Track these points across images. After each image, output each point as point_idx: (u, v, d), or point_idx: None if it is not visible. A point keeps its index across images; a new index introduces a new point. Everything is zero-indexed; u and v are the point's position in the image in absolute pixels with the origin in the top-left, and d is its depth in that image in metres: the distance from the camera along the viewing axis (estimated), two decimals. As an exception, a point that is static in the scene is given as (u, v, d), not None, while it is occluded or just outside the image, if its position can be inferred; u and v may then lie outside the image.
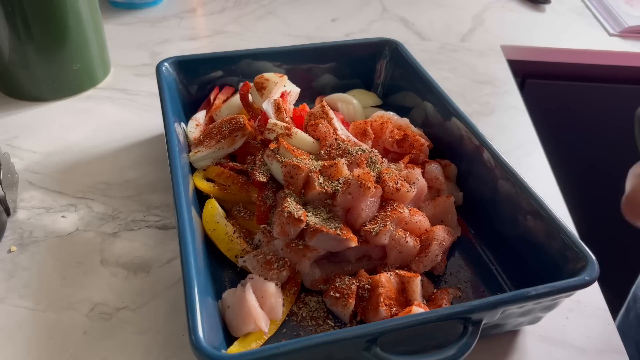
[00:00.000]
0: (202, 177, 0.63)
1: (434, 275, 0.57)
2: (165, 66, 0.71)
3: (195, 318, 0.42)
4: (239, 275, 0.55)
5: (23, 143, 0.75)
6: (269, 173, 0.59)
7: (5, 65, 0.80)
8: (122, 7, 1.11)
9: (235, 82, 0.76)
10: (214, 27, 1.06)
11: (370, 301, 0.51)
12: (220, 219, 0.58)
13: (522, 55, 1.02)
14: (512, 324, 0.51)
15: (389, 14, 1.13)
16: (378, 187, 0.56)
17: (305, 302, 0.54)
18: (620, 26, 1.06)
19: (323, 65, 0.79)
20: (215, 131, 0.65)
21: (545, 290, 0.45)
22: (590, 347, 0.53)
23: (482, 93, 0.89)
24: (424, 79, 0.72)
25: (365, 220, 0.55)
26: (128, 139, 0.76)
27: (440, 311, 0.44)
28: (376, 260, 0.57)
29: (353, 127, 0.65)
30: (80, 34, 0.81)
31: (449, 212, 0.60)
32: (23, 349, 0.50)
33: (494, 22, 1.10)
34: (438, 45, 1.02)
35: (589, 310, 0.56)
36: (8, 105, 0.82)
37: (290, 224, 0.52)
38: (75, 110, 0.82)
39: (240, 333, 0.49)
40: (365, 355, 0.43)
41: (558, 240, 0.50)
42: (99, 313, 0.54)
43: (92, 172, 0.70)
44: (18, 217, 0.64)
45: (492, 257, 0.58)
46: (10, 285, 0.56)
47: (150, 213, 0.65)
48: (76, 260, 0.59)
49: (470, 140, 0.62)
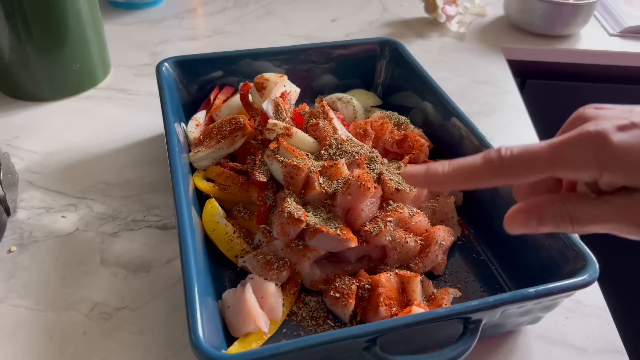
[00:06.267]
0: (202, 177, 0.63)
1: (434, 275, 0.57)
2: (165, 66, 0.71)
3: (195, 318, 0.42)
4: (239, 275, 0.55)
5: (23, 143, 0.75)
6: (269, 173, 0.59)
7: (5, 65, 0.80)
8: (122, 7, 1.11)
9: (235, 82, 0.76)
10: (214, 27, 1.06)
11: (370, 301, 0.51)
12: (220, 219, 0.58)
13: (522, 55, 1.02)
14: (512, 324, 0.51)
15: (389, 14, 1.13)
16: (378, 187, 0.56)
17: (305, 302, 0.54)
18: (620, 26, 1.06)
19: (323, 65, 0.79)
20: (215, 131, 0.65)
21: (545, 290, 0.45)
22: (590, 347, 0.53)
23: (482, 93, 0.89)
24: (424, 79, 0.72)
25: (365, 221, 0.55)
26: (128, 139, 0.76)
27: (440, 311, 0.44)
28: (376, 260, 0.57)
29: (353, 127, 0.65)
30: (80, 34, 0.81)
31: (449, 212, 0.60)
32: (23, 349, 0.50)
33: (493, 22, 1.10)
34: (438, 45, 1.02)
35: (589, 310, 0.56)
36: (8, 105, 0.82)
37: (290, 224, 0.52)
38: (75, 110, 0.82)
39: (240, 333, 0.49)
40: (365, 355, 0.43)
41: (558, 240, 0.50)
42: (99, 313, 0.54)
43: (92, 172, 0.70)
44: (18, 217, 0.64)
45: (492, 257, 0.58)
46: (10, 285, 0.56)
47: (150, 213, 0.65)
48: (76, 260, 0.59)
49: (470, 140, 0.62)
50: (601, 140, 0.33)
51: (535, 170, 0.35)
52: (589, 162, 0.34)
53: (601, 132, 0.33)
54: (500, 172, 0.36)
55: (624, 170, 0.33)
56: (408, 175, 0.40)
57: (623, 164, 0.33)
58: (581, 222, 0.35)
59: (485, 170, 0.36)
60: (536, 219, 0.36)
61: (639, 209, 0.34)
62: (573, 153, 0.34)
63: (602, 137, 0.33)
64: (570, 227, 0.35)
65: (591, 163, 0.33)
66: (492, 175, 0.36)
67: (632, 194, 0.34)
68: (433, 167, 0.38)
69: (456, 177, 0.38)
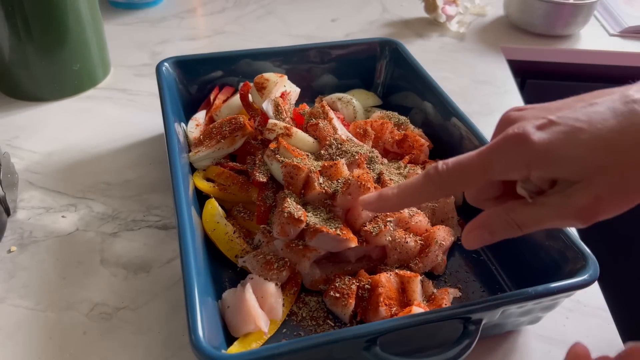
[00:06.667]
0: (202, 177, 0.63)
1: (434, 275, 0.57)
2: (165, 66, 0.71)
3: (195, 318, 0.42)
4: (239, 275, 0.55)
5: (23, 143, 0.75)
6: (269, 173, 0.59)
7: (5, 65, 0.80)
8: (122, 7, 1.11)
9: (235, 82, 0.76)
10: (214, 27, 1.06)
11: (370, 301, 0.51)
12: (220, 219, 0.58)
13: (522, 55, 1.02)
14: (512, 324, 0.51)
15: (389, 14, 1.13)
16: (378, 187, 0.55)
17: (305, 302, 0.54)
18: (620, 26, 1.06)
19: (323, 65, 0.79)
20: (215, 131, 0.65)
21: (545, 290, 0.45)
22: (590, 347, 0.53)
23: (482, 93, 0.89)
24: (424, 79, 0.72)
25: (365, 221, 0.55)
26: (128, 139, 0.76)
27: (440, 311, 0.44)
28: (376, 260, 0.57)
29: (353, 127, 0.65)
30: (80, 34, 0.81)
31: (449, 212, 0.60)
32: (23, 349, 0.50)
33: (493, 22, 1.10)
34: (438, 45, 1.02)
35: (589, 310, 0.56)
36: (8, 105, 0.82)
37: (290, 224, 0.52)
38: (75, 110, 0.82)
39: (240, 333, 0.49)
40: (365, 355, 0.43)
41: (558, 240, 0.50)
42: (99, 313, 0.54)
43: (92, 172, 0.70)
44: (18, 217, 0.64)
45: (492, 257, 0.58)
46: (10, 285, 0.56)
47: (150, 213, 0.65)
48: (76, 260, 0.59)
49: (470, 140, 0.62)
50: (523, 141, 0.35)
51: (471, 179, 0.38)
52: (516, 163, 0.36)
53: (522, 133, 0.36)
54: (441, 187, 0.40)
55: (548, 165, 0.35)
56: (364, 203, 0.45)
57: (546, 159, 0.35)
58: (526, 226, 0.38)
59: (428, 188, 0.40)
60: (488, 232, 0.40)
61: (570, 204, 0.36)
62: (500, 158, 0.37)
63: (523, 139, 0.35)
64: (519, 231, 0.39)
65: (518, 164, 0.36)
66: (435, 191, 0.40)
67: (563, 190, 0.36)
68: (384, 192, 0.43)
69: (405, 197, 0.42)
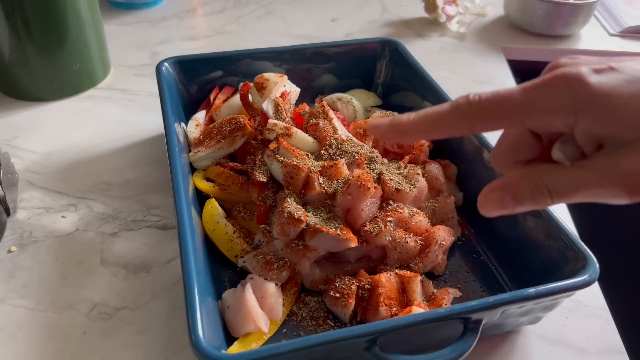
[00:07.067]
0: (202, 177, 0.63)
1: (434, 275, 0.57)
2: (165, 66, 0.71)
3: (195, 318, 0.42)
4: (239, 275, 0.55)
5: (23, 143, 0.75)
6: (269, 173, 0.59)
7: (5, 65, 0.80)
8: (122, 7, 1.11)
9: (235, 82, 0.76)
10: (214, 27, 1.06)
11: (370, 301, 0.51)
12: (220, 219, 0.58)
13: (522, 55, 1.02)
14: (512, 324, 0.51)
15: (389, 13, 1.13)
16: (378, 187, 0.56)
17: (305, 302, 0.54)
18: (620, 26, 1.06)
19: (323, 65, 0.79)
20: (215, 131, 0.65)
21: (545, 290, 0.45)
22: (590, 347, 0.53)
23: (482, 93, 0.89)
24: (424, 79, 0.72)
25: (365, 221, 0.55)
26: (128, 139, 0.76)
27: (440, 311, 0.44)
28: (376, 261, 0.57)
29: (353, 127, 0.65)
30: (80, 34, 0.81)
31: (449, 212, 0.60)
32: (23, 349, 0.50)
33: (493, 22, 1.10)
34: (438, 45, 1.02)
35: (589, 310, 0.56)
36: (8, 105, 0.82)
37: (290, 224, 0.52)
38: (75, 110, 0.82)
39: (240, 333, 0.49)
40: (365, 355, 0.43)
41: (558, 240, 0.50)
42: (99, 313, 0.54)
43: (92, 172, 0.70)
44: (18, 217, 0.64)
45: (492, 257, 0.58)
46: (10, 285, 0.56)
47: (150, 213, 0.65)
48: (76, 260, 0.59)
49: (470, 140, 0.62)
50: (577, 81, 0.31)
51: (505, 115, 0.33)
52: (563, 104, 0.31)
53: (577, 73, 0.31)
54: (468, 117, 0.34)
55: (600, 113, 0.31)
56: (372, 127, 0.38)
57: (600, 106, 0.30)
58: (560, 193, 0.32)
59: (453, 116, 0.34)
60: (512, 196, 0.34)
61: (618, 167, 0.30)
62: (547, 95, 0.31)
63: (578, 78, 0.31)
64: (550, 199, 0.33)
65: (566, 105, 0.31)
66: (460, 121, 0.34)
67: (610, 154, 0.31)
68: (398, 117, 0.37)
69: (422, 124, 0.35)
